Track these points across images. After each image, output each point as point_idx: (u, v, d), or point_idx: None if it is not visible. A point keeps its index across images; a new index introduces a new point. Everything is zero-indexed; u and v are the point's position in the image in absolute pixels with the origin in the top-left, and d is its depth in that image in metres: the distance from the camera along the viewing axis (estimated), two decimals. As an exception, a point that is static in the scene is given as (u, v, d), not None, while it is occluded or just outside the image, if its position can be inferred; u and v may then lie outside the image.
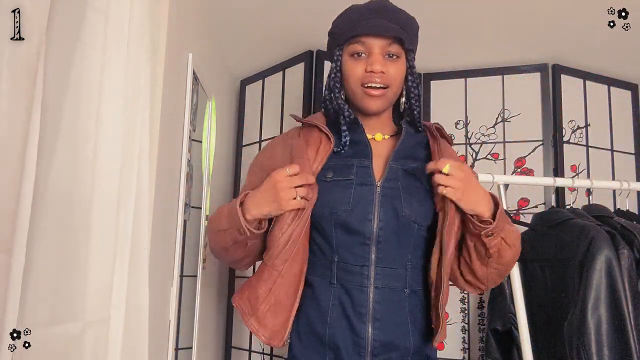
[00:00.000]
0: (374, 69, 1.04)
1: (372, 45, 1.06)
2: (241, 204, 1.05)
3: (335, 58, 1.11)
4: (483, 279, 1.11)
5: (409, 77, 1.11)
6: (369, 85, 1.06)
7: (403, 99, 1.13)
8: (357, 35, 1.06)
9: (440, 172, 1.01)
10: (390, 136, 1.15)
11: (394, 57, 1.07)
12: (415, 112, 1.13)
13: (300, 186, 1.02)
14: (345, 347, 1.02)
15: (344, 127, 1.10)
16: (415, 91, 1.12)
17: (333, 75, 1.11)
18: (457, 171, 1.00)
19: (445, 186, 1.00)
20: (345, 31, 1.08)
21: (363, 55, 1.07)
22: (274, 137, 2.07)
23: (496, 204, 1.05)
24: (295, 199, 1.01)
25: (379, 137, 1.13)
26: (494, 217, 1.02)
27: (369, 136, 1.11)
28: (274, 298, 1.06)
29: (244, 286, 1.12)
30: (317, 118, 1.16)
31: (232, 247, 1.09)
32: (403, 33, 1.06)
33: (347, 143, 1.10)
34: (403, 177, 1.07)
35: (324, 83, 1.18)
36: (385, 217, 1.04)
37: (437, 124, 1.16)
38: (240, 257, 1.14)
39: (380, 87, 1.06)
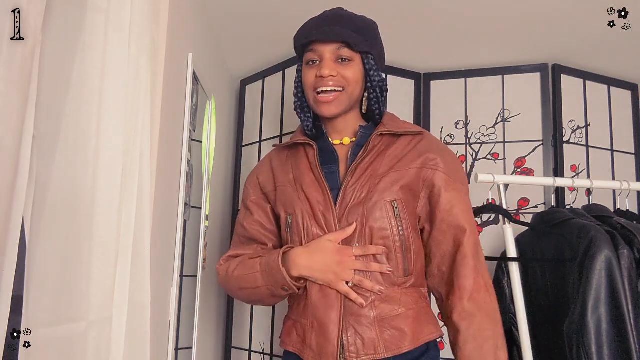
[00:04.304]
0: (322, 73, 1.07)
1: (323, 51, 1.09)
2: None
3: (297, 69, 1.16)
4: None
5: (367, 79, 1.13)
6: (321, 90, 1.09)
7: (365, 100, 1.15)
8: (309, 43, 1.10)
9: None
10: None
11: (347, 60, 1.09)
12: (375, 114, 1.15)
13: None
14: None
15: (309, 140, 1.14)
16: (373, 93, 1.13)
17: (296, 85, 1.17)
18: None
19: None
20: (301, 41, 1.12)
21: (317, 62, 1.10)
22: (273, 137, 2.09)
23: None
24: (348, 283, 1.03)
25: (347, 141, 1.16)
26: None
27: (337, 141, 1.16)
28: None
29: None
30: (296, 135, 1.19)
31: (268, 300, 1.12)
32: (354, 37, 1.08)
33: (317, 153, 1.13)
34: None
35: None
36: None
37: (389, 130, 1.11)
38: (273, 303, 1.18)
39: (333, 91, 1.09)
